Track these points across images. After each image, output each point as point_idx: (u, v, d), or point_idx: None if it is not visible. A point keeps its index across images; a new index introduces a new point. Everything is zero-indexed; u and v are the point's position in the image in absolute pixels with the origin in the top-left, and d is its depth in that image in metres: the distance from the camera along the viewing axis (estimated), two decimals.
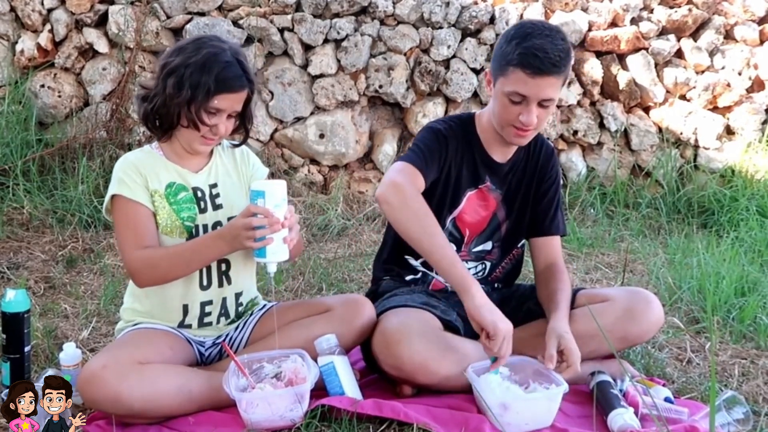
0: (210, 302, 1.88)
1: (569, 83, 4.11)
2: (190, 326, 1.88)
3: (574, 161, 4.20)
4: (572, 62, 1.90)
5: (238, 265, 1.90)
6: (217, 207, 1.88)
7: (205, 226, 1.85)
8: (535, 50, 1.78)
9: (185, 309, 1.86)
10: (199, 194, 1.86)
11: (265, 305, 2.01)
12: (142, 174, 1.81)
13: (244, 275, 1.93)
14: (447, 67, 4.01)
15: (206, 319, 1.89)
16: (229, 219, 1.87)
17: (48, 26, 3.79)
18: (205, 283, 1.86)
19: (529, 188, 2.08)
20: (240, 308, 1.95)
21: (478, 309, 1.72)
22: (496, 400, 1.69)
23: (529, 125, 1.86)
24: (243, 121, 1.89)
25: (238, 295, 1.93)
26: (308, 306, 1.96)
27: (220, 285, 1.88)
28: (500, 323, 1.71)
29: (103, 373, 1.62)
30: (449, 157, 1.96)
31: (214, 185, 1.89)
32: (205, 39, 1.81)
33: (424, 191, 1.92)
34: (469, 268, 2.08)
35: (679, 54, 4.22)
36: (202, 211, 1.86)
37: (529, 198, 2.08)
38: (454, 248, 2.04)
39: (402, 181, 1.83)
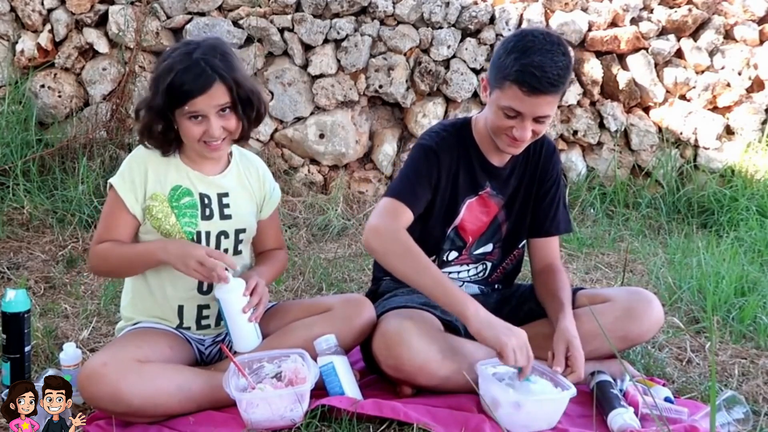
0: (207, 306, 1.88)
1: (569, 83, 4.10)
2: (189, 328, 1.89)
3: (574, 161, 4.20)
4: (572, 74, 1.87)
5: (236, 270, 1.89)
6: (225, 216, 1.87)
7: (208, 233, 1.84)
8: (533, 68, 1.74)
9: (180, 310, 1.86)
10: (206, 201, 1.85)
11: None
12: (148, 173, 1.81)
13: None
14: (447, 67, 4.01)
15: (204, 322, 1.89)
16: (236, 231, 1.88)
17: (48, 26, 3.79)
18: (205, 288, 1.86)
19: (529, 189, 2.06)
20: None
21: (478, 332, 1.73)
22: (509, 399, 1.68)
23: (523, 140, 1.85)
24: (237, 110, 1.78)
25: None
26: (308, 306, 1.96)
27: None
28: (503, 337, 1.70)
29: (103, 370, 1.63)
30: (442, 172, 1.93)
31: (225, 194, 1.88)
32: (171, 49, 1.79)
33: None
34: (470, 270, 2.08)
35: (679, 54, 4.22)
36: (207, 218, 1.84)
37: (530, 199, 2.07)
38: (456, 255, 2.04)
39: (381, 224, 1.84)
